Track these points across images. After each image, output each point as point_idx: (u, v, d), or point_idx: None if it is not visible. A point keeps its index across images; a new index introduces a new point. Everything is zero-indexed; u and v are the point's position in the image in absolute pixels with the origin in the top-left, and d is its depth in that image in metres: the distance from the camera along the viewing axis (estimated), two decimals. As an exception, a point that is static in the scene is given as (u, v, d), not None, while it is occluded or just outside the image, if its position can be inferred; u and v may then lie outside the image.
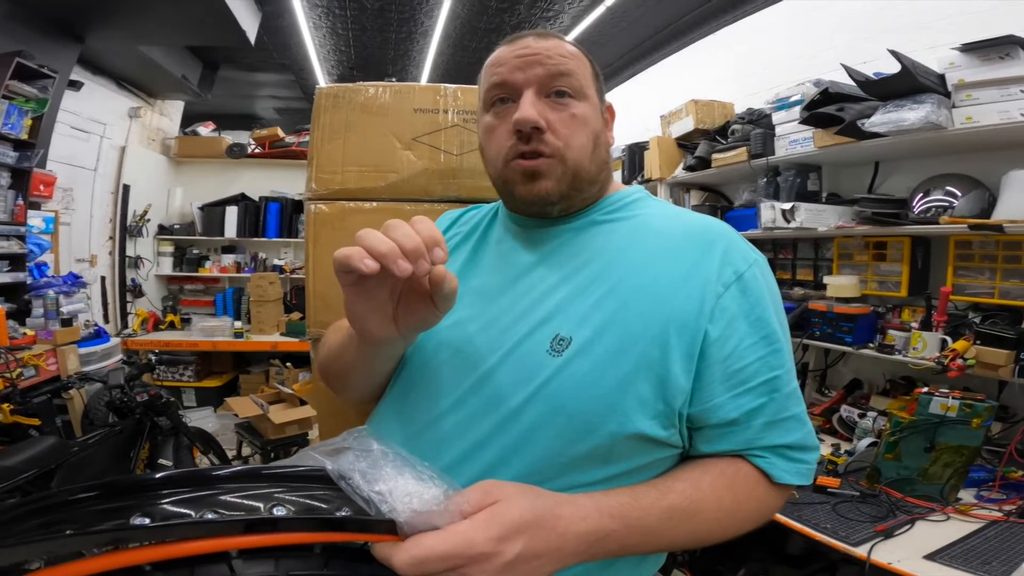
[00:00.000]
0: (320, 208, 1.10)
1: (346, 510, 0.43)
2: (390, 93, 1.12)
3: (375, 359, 0.69)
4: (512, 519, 0.48)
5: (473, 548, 0.45)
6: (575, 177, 0.70)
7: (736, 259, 0.65)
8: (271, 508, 0.41)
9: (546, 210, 0.72)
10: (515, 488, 0.51)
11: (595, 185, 0.73)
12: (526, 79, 0.68)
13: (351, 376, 0.74)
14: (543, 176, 0.68)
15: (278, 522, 0.41)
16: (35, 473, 1.95)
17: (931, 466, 1.52)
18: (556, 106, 0.69)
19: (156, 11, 3.28)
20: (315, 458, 0.47)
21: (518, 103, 0.68)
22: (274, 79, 5.92)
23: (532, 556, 0.48)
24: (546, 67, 0.68)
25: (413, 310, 0.59)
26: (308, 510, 0.42)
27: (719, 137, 2.72)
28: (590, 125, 0.71)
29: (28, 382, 2.63)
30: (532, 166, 0.68)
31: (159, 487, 0.41)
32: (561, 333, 0.63)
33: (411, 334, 0.65)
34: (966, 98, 1.66)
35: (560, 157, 0.68)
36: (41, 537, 0.37)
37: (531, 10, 4.19)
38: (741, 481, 0.63)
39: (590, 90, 0.72)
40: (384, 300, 0.58)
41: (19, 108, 3.01)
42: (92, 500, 0.40)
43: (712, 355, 0.61)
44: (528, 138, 0.68)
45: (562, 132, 0.68)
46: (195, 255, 5.10)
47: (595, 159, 0.72)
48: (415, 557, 0.43)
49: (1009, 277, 1.70)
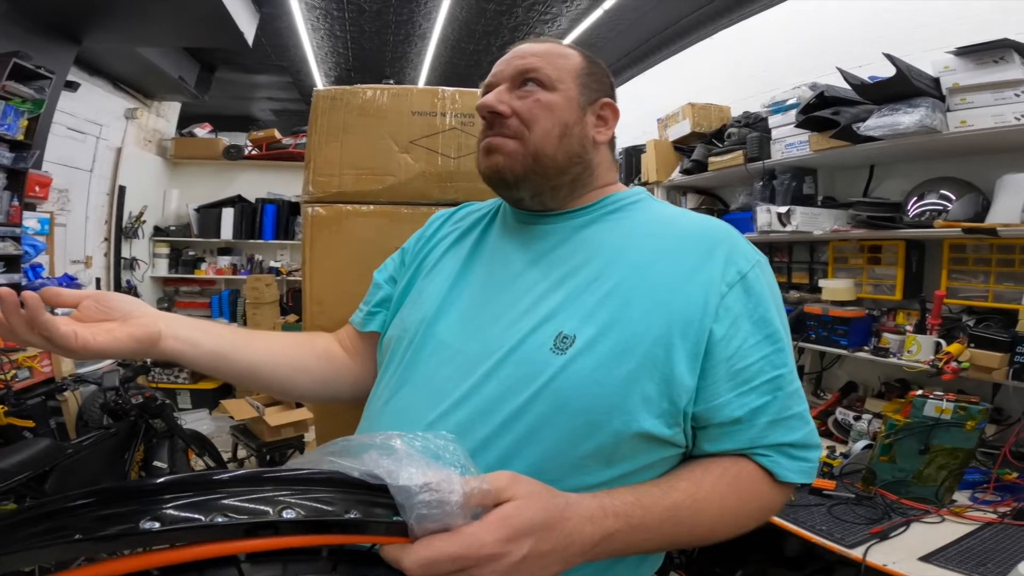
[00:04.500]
0: (317, 211, 1.10)
1: (355, 512, 0.43)
2: (388, 96, 1.12)
3: (205, 369, 0.71)
4: (523, 521, 0.48)
5: (483, 549, 0.45)
6: (536, 160, 0.71)
7: (739, 259, 0.66)
8: (280, 511, 0.41)
9: (512, 193, 0.75)
10: (531, 487, 0.51)
11: (565, 175, 0.73)
12: (501, 75, 0.74)
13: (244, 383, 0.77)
14: (497, 151, 0.72)
15: (288, 525, 0.41)
16: (29, 475, 1.94)
17: (926, 468, 1.52)
18: (523, 95, 0.73)
19: (153, 12, 3.27)
20: (332, 461, 0.46)
21: None
22: (271, 81, 5.91)
23: (539, 556, 0.49)
24: (516, 66, 0.74)
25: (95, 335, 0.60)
26: (317, 513, 0.42)
27: (715, 140, 2.73)
28: (556, 113, 0.72)
29: (22, 384, 2.62)
30: (489, 141, 0.73)
31: (160, 492, 0.40)
32: (564, 331, 0.63)
33: (140, 344, 0.64)
34: (961, 102, 1.67)
35: (522, 139, 0.71)
36: (46, 543, 0.37)
37: (529, 13, 4.20)
38: (744, 479, 0.63)
39: (565, 84, 0.73)
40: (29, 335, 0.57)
41: (15, 109, 3.00)
42: (93, 506, 0.39)
43: (717, 354, 0.62)
44: (491, 123, 0.73)
45: (525, 117, 0.71)
46: (191, 257, 5.09)
47: (563, 147, 0.72)
48: (425, 559, 0.44)
49: (1003, 280, 1.71)
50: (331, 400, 0.90)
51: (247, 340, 0.76)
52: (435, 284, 0.77)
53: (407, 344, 0.73)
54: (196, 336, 0.70)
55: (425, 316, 0.73)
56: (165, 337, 0.66)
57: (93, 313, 0.63)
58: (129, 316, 0.65)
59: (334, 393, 0.85)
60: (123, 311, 0.65)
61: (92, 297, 0.65)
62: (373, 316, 0.84)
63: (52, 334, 0.56)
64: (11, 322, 0.55)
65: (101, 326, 0.62)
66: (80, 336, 0.58)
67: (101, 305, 0.64)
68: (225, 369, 0.73)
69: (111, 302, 0.65)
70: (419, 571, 0.44)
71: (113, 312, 0.64)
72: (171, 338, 0.67)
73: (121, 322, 0.64)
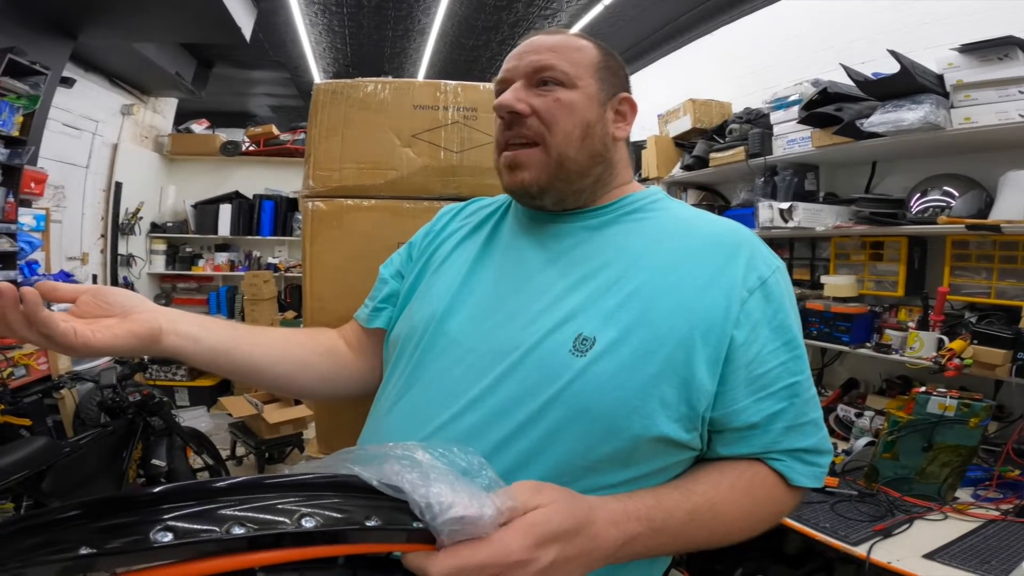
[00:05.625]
0: (318, 206, 1.08)
1: (375, 519, 0.41)
2: (389, 89, 1.11)
3: (206, 365, 0.70)
4: (551, 528, 0.48)
5: (511, 556, 0.45)
6: (560, 166, 0.69)
7: (760, 265, 0.65)
8: (299, 520, 0.39)
9: (535, 202, 0.72)
10: (554, 493, 0.51)
11: (587, 177, 0.71)
12: (516, 71, 0.71)
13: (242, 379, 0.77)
14: (522, 167, 0.69)
15: (308, 536, 0.39)
16: (26, 474, 1.93)
17: (929, 465, 1.52)
18: (541, 93, 0.69)
19: (150, 8, 3.25)
20: (349, 468, 0.44)
21: None
22: (269, 77, 5.88)
23: (565, 561, 0.49)
24: (531, 61, 0.70)
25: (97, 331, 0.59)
26: (337, 522, 0.40)
27: (717, 136, 2.72)
28: (578, 112, 0.69)
29: (19, 382, 2.60)
30: (513, 156, 0.70)
31: (159, 501, 0.38)
32: (584, 333, 0.61)
33: (136, 340, 0.62)
34: (964, 98, 1.67)
35: (544, 144, 0.69)
36: (47, 559, 0.35)
37: (529, 8, 4.18)
38: (759, 483, 0.63)
39: (584, 80, 0.70)
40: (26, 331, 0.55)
41: (10, 105, 2.98)
42: (97, 516, 0.37)
43: (737, 360, 0.61)
44: (510, 124, 0.69)
45: (545, 117, 0.69)
46: (188, 253, 5.07)
47: (585, 148, 0.70)
48: (452, 567, 0.43)
49: (1006, 277, 1.70)
50: (334, 397, 0.88)
51: (249, 336, 0.75)
52: (445, 280, 0.75)
53: (416, 342, 0.71)
54: (197, 332, 0.68)
55: (435, 313, 0.71)
56: (166, 333, 0.64)
57: (91, 309, 0.61)
58: (129, 312, 0.63)
59: (337, 390, 0.83)
60: (122, 306, 0.63)
61: (90, 292, 0.63)
62: (379, 312, 0.82)
63: (51, 331, 0.55)
64: (9, 319, 0.54)
65: (101, 323, 0.60)
66: (80, 333, 0.57)
67: (99, 300, 0.62)
68: (226, 365, 0.71)
69: (110, 297, 0.63)
70: None
71: (112, 308, 0.62)
72: (172, 334, 0.65)
73: (121, 318, 0.62)
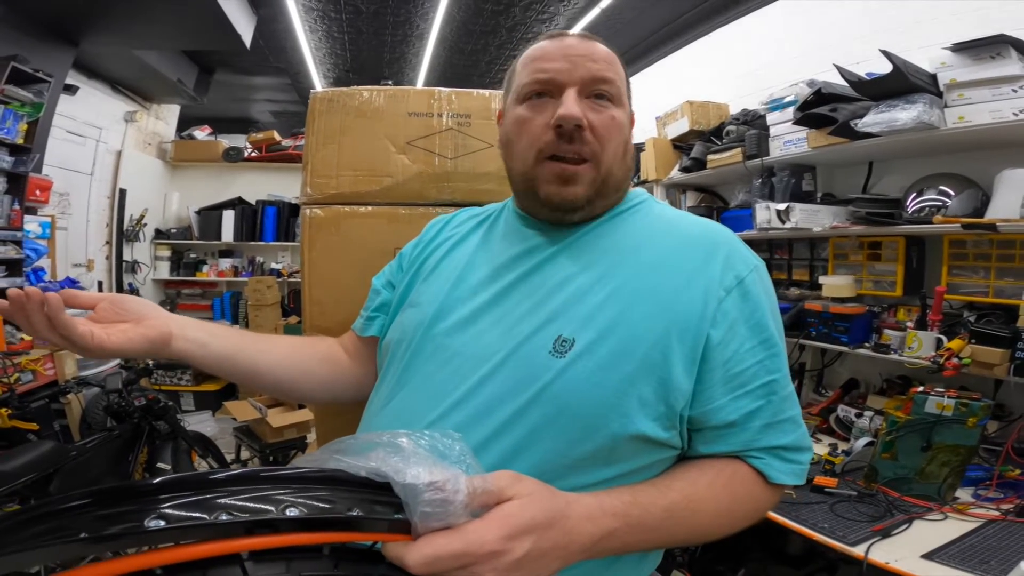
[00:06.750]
0: (315, 212, 1.10)
1: (357, 510, 0.44)
2: (384, 97, 1.12)
3: (212, 369, 0.75)
4: (524, 520, 0.49)
5: (484, 547, 0.46)
6: (604, 183, 0.70)
7: (738, 264, 0.66)
8: (284, 509, 0.41)
9: (567, 216, 0.71)
10: (532, 486, 0.52)
11: (618, 192, 0.74)
12: (571, 78, 0.68)
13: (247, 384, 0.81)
14: (576, 182, 0.68)
15: (291, 523, 0.41)
16: (33, 477, 1.95)
17: (928, 465, 1.52)
18: (596, 107, 0.68)
19: (151, 15, 3.28)
20: (338, 459, 0.47)
21: (558, 99, 0.68)
22: (270, 82, 5.92)
23: (539, 554, 0.49)
24: (591, 69, 0.68)
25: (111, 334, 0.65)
26: (320, 511, 0.43)
27: (714, 138, 2.72)
28: (624, 132, 0.71)
29: (26, 387, 2.63)
30: (568, 171, 0.68)
31: (158, 491, 0.40)
32: (563, 334, 0.63)
33: (149, 344, 0.67)
34: (958, 97, 1.67)
35: (596, 161, 0.68)
36: (50, 542, 0.37)
37: (526, 12, 4.20)
38: (738, 481, 0.64)
39: (625, 99, 0.73)
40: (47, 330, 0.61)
41: (14, 112, 3.01)
42: (95, 505, 0.39)
43: (713, 358, 0.62)
44: (571, 137, 0.67)
45: (601, 134, 0.68)
46: (192, 259, 5.10)
47: (623, 166, 0.72)
48: (428, 556, 0.44)
49: (1003, 276, 1.70)
50: (333, 402, 0.91)
51: (253, 342, 0.79)
52: (433, 288, 0.77)
53: (406, 347, 0.74)
54: (204, 338, 0.73)
55: (424, 319, 0.73)
56: (176, 338, 0.70)
57: (109, 315, 0.68)
58: (143, 318, 0.69)
59: (336, 395, 0.86)
60: (137, 312, 0.69)
61: (108, 300, 0.69)
62: (372, 321, 0.85)
63: (71, 333, 0.61)
64: (33, 320, 0.60)
65: (116, 327, 0.66)
66: (96, 336, 0.62)
67: (117, 307, 0.69)
68: (231, 370, 0.76)
69: (126, 304, 0.69)
70: (422, 568, 0.44)
71: (127, 314, 0.68)
72: (181, 339, 0.70)
73: (135, 323, 0.68)
